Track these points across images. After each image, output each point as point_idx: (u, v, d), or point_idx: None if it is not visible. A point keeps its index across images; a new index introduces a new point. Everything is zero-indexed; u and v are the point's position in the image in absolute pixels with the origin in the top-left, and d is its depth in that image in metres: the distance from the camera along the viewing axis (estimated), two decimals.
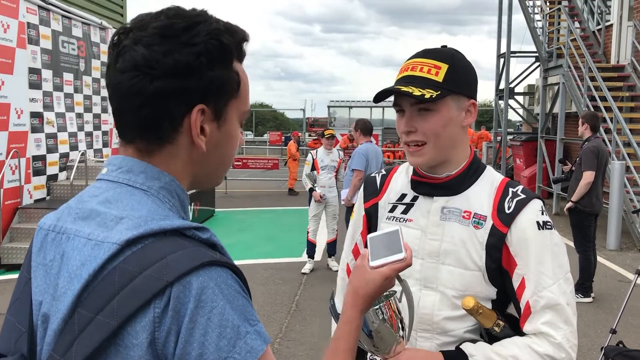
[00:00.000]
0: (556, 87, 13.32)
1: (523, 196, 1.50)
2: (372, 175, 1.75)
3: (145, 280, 0.80)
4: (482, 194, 1.53)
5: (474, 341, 1.48)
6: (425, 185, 1.58)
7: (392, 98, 1.55)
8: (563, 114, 12.48)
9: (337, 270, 7.33)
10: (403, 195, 1.63)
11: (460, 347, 1.46)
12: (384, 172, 1.74)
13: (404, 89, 1.44)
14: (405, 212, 1.60)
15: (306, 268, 7.47)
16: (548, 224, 1.48)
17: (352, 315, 1.19)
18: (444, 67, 1.48)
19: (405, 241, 1.23)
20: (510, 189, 1.53)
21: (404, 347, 1.40)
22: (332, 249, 7.62)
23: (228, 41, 0.93)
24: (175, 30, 0.90)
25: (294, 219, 11.28)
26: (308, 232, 7.56)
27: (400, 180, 1.67)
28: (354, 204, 6.79)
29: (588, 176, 6.12)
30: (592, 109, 10.34)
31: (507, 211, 1.48)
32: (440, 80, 1.46)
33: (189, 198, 1.11)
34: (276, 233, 10.19)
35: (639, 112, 11.65)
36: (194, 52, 0.89)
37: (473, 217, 1.50)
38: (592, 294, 6.36)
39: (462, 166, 1.55)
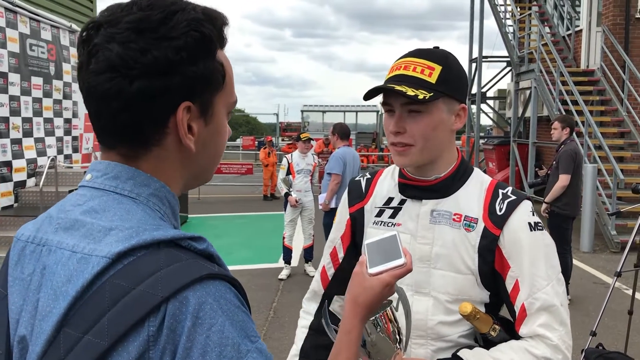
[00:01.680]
0: (528, 92, 13.50)
1: (514, 197, 1.49)
2: (357, 179, 1.71)
3: (139, 296, 0.73)
4: (472, 196, 1.51)
5: (469, 346, 1.45)
6: (414, 188, 1.54)
7: (374, 99, 1.52)
8: (535, 118, 12.64)
9: (314, 276, 7.34)
10: (390, 199, 1.59)
11: (458, 354, 1.43)
12: (368, 176, 1.69)
13: (398, 87, 1.40)
14: (393, 216, 1.56)
15: (283, 274, 7.40)
16: (539, 224, 1.47)
17: (352, 324, 1.12)
18: (438, 68, 1.43)
19: (404, 247, 1.18)
20: (500, 191, 1.51)
21: (402, 357, 1.36)
22: (309, 254, 7.56)
23: (209, 31, 0.85)
24: (151, 24, 0.81)
25: (269, 225, 11.20)
26: (284, 238, 7.49)
27: (387, 184, 1.63)
28: (331, 208, 6.83)
29: (564, 179, 6.18)
30: (564, 113, 10.49)
31: (499, 213, 1.46)
32: (434, 81, 1.42)
33: None
34: (252, 239, 10.09)
35: (609, 115, 11.87)
36: (174, 47, 0.81)
37: (464, 220, 1.48)
38: (569, 297, 6.41)
39: (451, 169, 1.52)
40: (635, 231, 4.56)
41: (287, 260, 7.47)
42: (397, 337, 1.29)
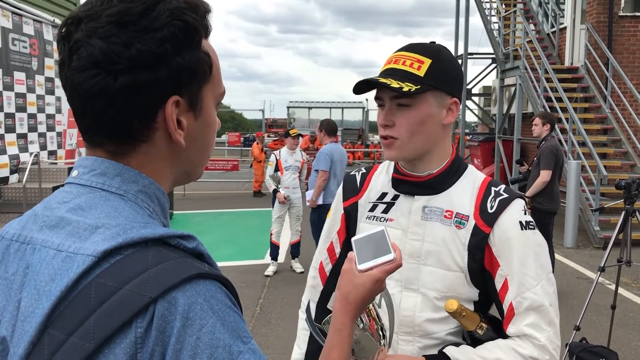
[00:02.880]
0: (513, 88, 13.58)
1: (506, 195, 1.48)
2: (352, 173, 1.71)
3: (126, 297, 0.70)
4: (464, 193, 1.50)
5: (456, 344, 1.44)
6: (407, 183, 1.54)
7: (360, 95, 1.51)
8: (520, 115, 12.72)
9: (301, 272, 7.42)
10: (384, 194, 1.59)
11: (444, 351, 1.42)
12: (364, 171, 1.70)
13: (382, 80, 1.40)
14: (385, 211, 1.56)
15: (269, 270, 7.37)
16: (530, 224, 1.46)
17: (342, 322, 1.11)
18: (427, 61, 1.43)
19: (393, 242, 1.17)
20: (493, 188, 1.50)
21: (386, 354, 1.35)
22: (296, 250, 7.55)
23: (193, 20, 0.82)
24: (133, 16, 0.78)
25: (256, 221, 11.16)
26: (271, 234, 7.47)
27: (381, 179, 1.62)
28: (318, 205, 6.82)
29: (545, 175, 6.23)
30: (548, 110, 10.57)
31: (490, 211, 1.45)
32: (422, 74, 1.41)
33: None
34: (238, 235, 10.04)
35: (593, 112, 11.98)
36: (158, 39, 0.78)
37: (455, 217, 1.47)
38: None
39: (444, 165, 1.52)
40: (618, 227, 4.61)
41: (274, 256, 7.45)
42: (381, 333, 1.28)
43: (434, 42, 1.52)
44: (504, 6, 16.04)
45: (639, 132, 11.03)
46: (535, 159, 6.56)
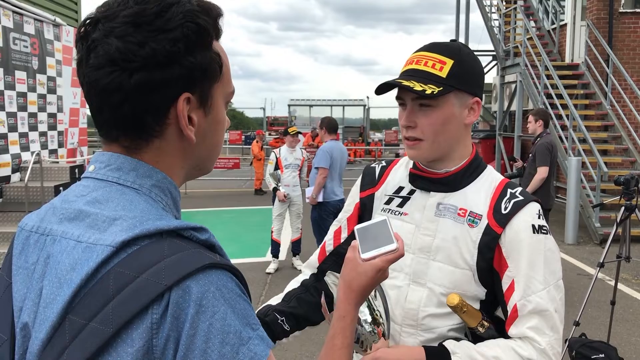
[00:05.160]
0: (513, 85, 13.59)
1: (521, 198, 1.48)
2: (372, 165, 1.73)
3: (143, 285, 0.75)
4: (480, 192, 1.50)
5: (457, 339, 1.45)
6: (423, 179, 1.55)
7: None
8: (520, 112, 12.73)
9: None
10: (400, 188, 1.60)
11: (443, 343, 1.43)
12: (384, 164, 1.72)
13: (405, 83, 1.41)
14: (401, 205, 1.58)
15: (271, 268, 7.40)
16: (544, 228, 1.45)
17: (346, 309, 1.14)
18: (449, 62, 1.44)
19: (395, 232, 1.19)
20: (509, 190, 1.50)
21: (386, 343, 1.38)
22: (297, 248, 7.57)
23: (205, 22, 0.87)
24: (148, 17, 0.83)
25: (257, 219, 11.19)
26: (272, 232, 7.49)
27: (400, 173, 1.64)
28: (319, 202, 6.82)
29: (543, 172, 6.25)
30: (548, 107, 10.59)
31: (504, 212, 1.45)
32: (444, 75, 1.42)
33: None
34: (239, 233, 10.08)
35: (593, 109, 11.98)
36: (171, 39, 0.83)
37: (468, 215, 1.48)
38: None
39: (462, 164, 1.53)
40: (617, 223, 4.63)
41: (275, 254, 7.48)
42: (376, 324, 1.31)
43: (455, 40, 1.53)
44: (504, 3, 16.04)
45: (639, 129, 11.03)
46: (530, 155, 6.59)
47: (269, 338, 0.81)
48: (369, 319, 1.31)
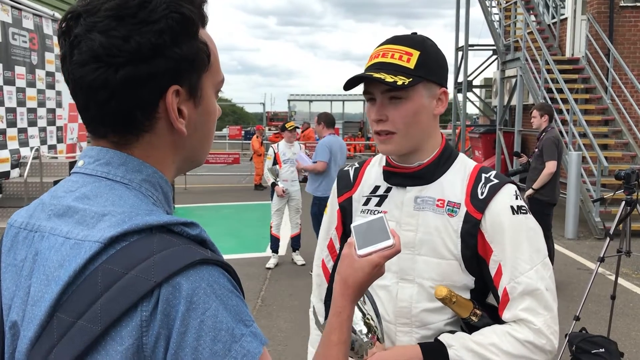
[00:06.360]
0: (514, 80, 13.57)
1: (496, 181, 1.48)
2: (345, 169, 1.72)
3: (132, 281, 0.73)
4: (455, 181, 1.51)
5: (451, 332, 1.45)
6: (398, 175, 1.55)
7: (358, 89, 1.51)
8: (521, 106, 12.72)
9: (302, 265, 7.44)
10: (376, 187, 1.59)
11: (438, 337, 1.43)
12: (357, 166, 1.70)
13: (376, 75, 1.40)
14: (379, 204, 1.57)
15: (270, 263, 7.40)
16: (523, 208, 1.46)
17: (342, 305, 1.13)
18: (416, 53, 1.44)
19: (392, 228, 1.18)
20: (483, 175, 1.50)
21: (382, 346, 1.37)
22: (296, 243, 7.57)
23: (189, 11, 0.84)
24: (130, 9, 0.80)
25: (256, 214, 11.18)
26: (271, 227, 7.49)
27: (374, 172, 1.63)
28: (319, 198, 6.83)
29: (551, 166, 6.22)
30: (549, 101, 10.56)
31: (481, 197, 1.46)
32: (412, 67, 1.42)
33: None
34: (239, 228, 10.07)
35: (594, 103, 11.96)
36: (156, 31, 0.80)
37: (447, 205, 1.48)
38: None
39: (434, 154, 1.53)
40: (617, 217, 4.62)
41: (275, 249, 7.48)
42: (368, 329, 1.30)
43: (415, 33, 1.53)
44: None
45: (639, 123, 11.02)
46: (536, 150, 6.56)
47: (262, 334, 0.80)
48: (364, 330, 1.30)
